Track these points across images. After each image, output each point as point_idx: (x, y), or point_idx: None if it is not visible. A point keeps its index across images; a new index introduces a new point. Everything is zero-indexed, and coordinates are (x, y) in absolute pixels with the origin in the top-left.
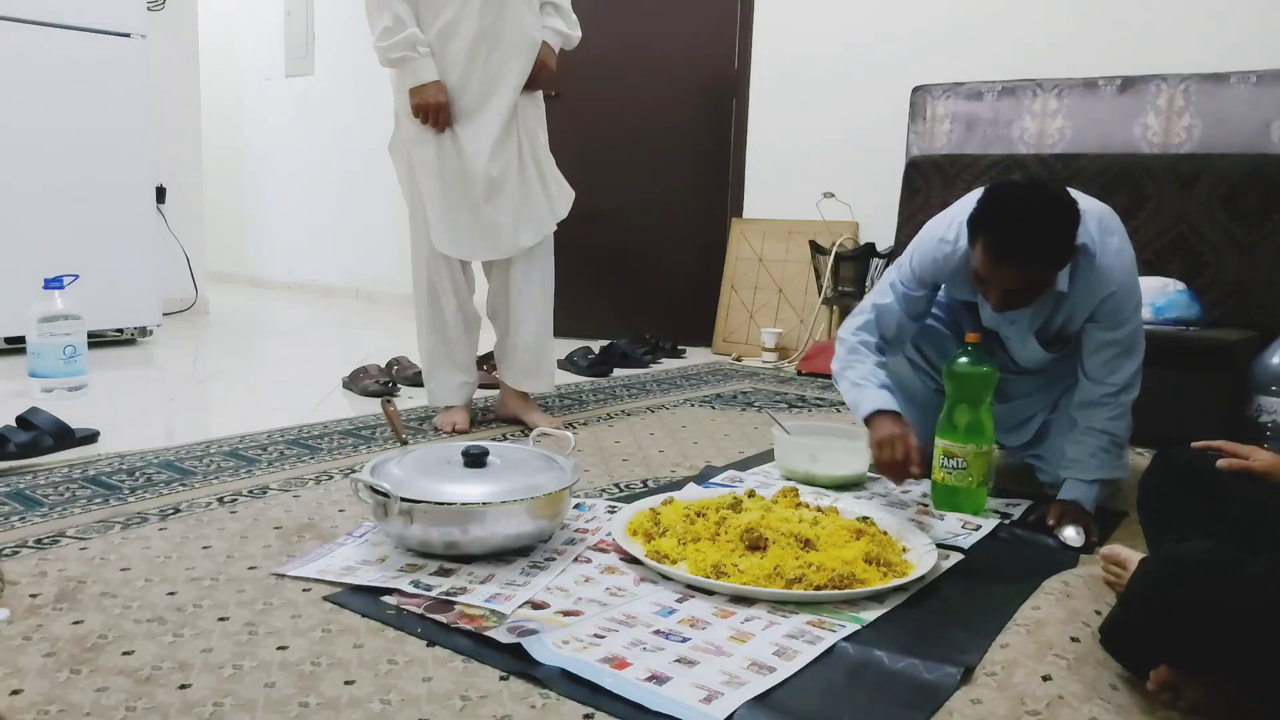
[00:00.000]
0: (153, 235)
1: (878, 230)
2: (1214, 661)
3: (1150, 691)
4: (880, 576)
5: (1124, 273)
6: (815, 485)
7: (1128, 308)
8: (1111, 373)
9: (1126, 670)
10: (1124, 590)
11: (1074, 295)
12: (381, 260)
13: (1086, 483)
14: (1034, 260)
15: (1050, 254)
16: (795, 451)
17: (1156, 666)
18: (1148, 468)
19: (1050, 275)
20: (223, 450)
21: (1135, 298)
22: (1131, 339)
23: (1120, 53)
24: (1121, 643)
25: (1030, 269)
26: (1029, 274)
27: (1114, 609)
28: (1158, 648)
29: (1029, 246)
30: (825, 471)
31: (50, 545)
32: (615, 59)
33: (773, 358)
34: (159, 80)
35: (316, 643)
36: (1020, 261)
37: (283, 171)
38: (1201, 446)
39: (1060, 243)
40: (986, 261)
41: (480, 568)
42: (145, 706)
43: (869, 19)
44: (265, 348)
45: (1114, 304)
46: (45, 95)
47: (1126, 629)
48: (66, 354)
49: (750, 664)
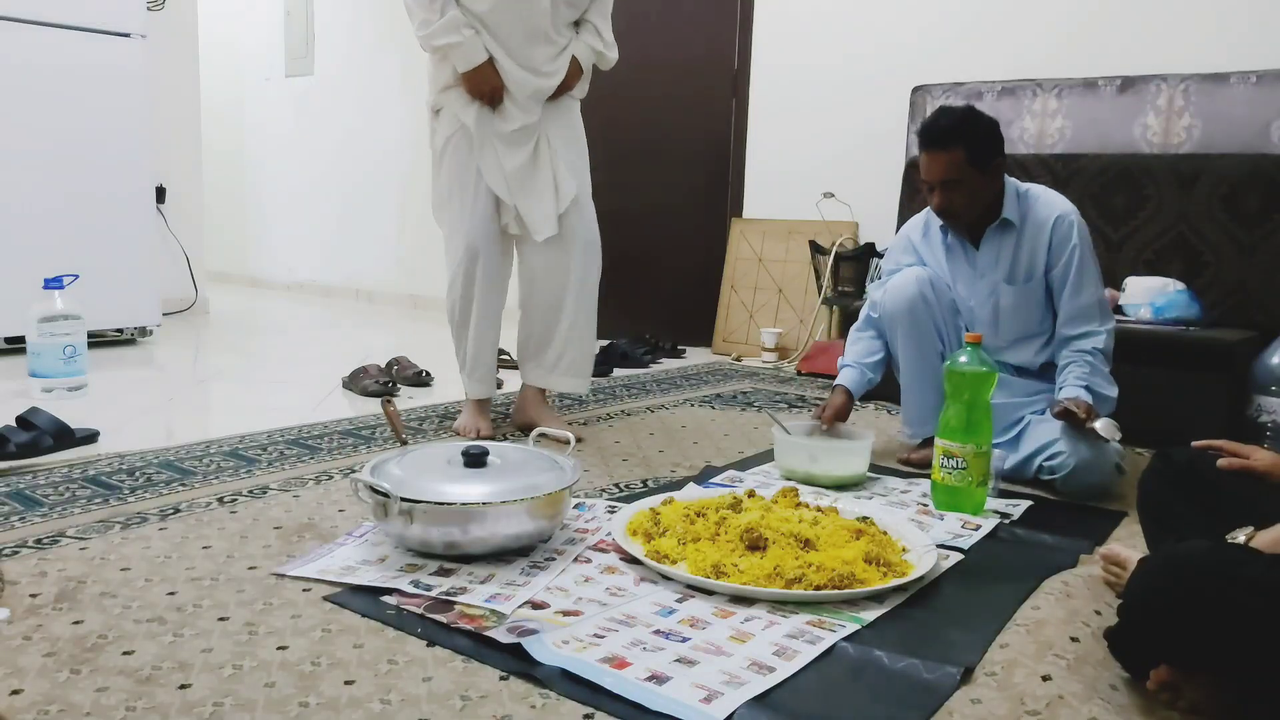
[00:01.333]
0: (153, 235)
1: (878, 230)
2: (1214, 661)
3: (1150, 691)
4: (880, 576)
5: (1067, 205)
6: (815, 485)
7: (1083, 244)
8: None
9: (1129, 673)
10: (1123, 590)
11: (1025, 227)
12: (381, 260)
13: (1082, 387)
14: (953, 141)
15: (966, 135)
16: (795, 451)
17: (1157, 666)
18: (1147, 467)
19: (975, 166)
20: (222, 450)
21: (1087, 239)
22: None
23: (1120, 53)
24: (1123, 644)
25: (952, 152)
26: (953, 158)
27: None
28: (1158, 647)
29: (947, 130)
30: (825, 471)
31: (50, 545)
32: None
33: (772, 358)
34: (159, 80)
35: (316, 643)
36: (941, 144)
37: (283, 172)
38: (1202, 446)
39: (975, 129)
40: (922, 159)
41: (480, 568)
42: (145, 706)
43: (869, 20)
44: (265, 348)
45: (1064, 230)
46: (45, 95)
47: (1127, 629)
48: (66, 354)
49: (750, 664)
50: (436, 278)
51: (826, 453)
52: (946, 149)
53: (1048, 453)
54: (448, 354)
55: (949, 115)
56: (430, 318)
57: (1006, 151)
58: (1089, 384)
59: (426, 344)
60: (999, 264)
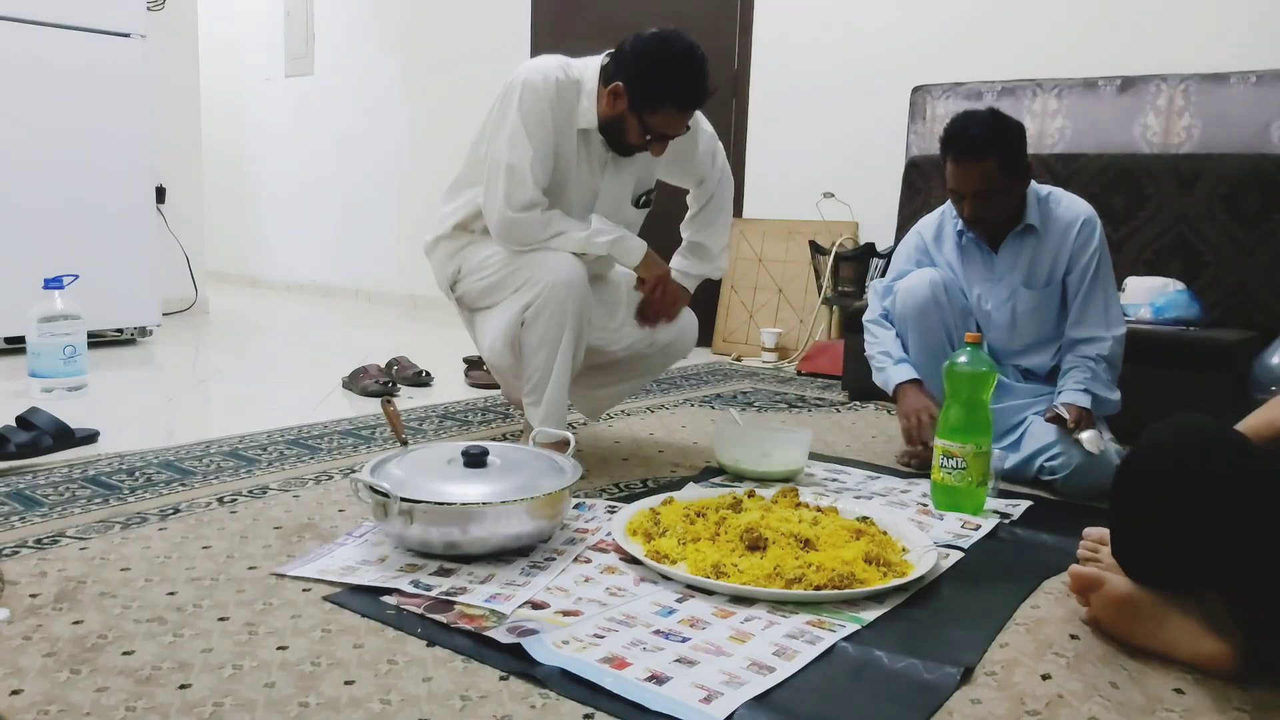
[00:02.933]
0: (153, 235)
1: (878, 230)
2: (1202, 550)
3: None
4: (880, 576)
5: (1089, 209)
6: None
7: (1103, 249)
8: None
9: (1129, 574)
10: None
11: (1047, 231)
12: (381, 260)
13: (1080, 391)
14: (987, 151)
15: (999, 146)
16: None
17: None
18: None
19: (1007, 176)
20: (222, 450)
21: (1105, 244)
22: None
23: (1120, 53)
24: (1120, 538)
25: (985, 162)
26: (985, 168)
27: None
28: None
29: (980, 140)
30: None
31: (50, 545)
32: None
33: (772, 358)
34: (159, 80)
35: (316, 643)
36: (974, 155)
37: (282, 172)
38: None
39: (1006, 138)
40: (951, 168)
41: (480, 568)
42: (145, 706)
43: (869, 20)
44: (265, 348)
45: (1087, 234)
46: (45, 95)
47: (1120, 535)
48: (66, 354)
49: (750, 664)
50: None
51: (777, 447)
52: (980, 159)
53: (1048, 453)
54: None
55: (979, 123)
56: (430, 318)
57: None
58: (1088, 388)
59: (426, 344)
60: (1018, 267)
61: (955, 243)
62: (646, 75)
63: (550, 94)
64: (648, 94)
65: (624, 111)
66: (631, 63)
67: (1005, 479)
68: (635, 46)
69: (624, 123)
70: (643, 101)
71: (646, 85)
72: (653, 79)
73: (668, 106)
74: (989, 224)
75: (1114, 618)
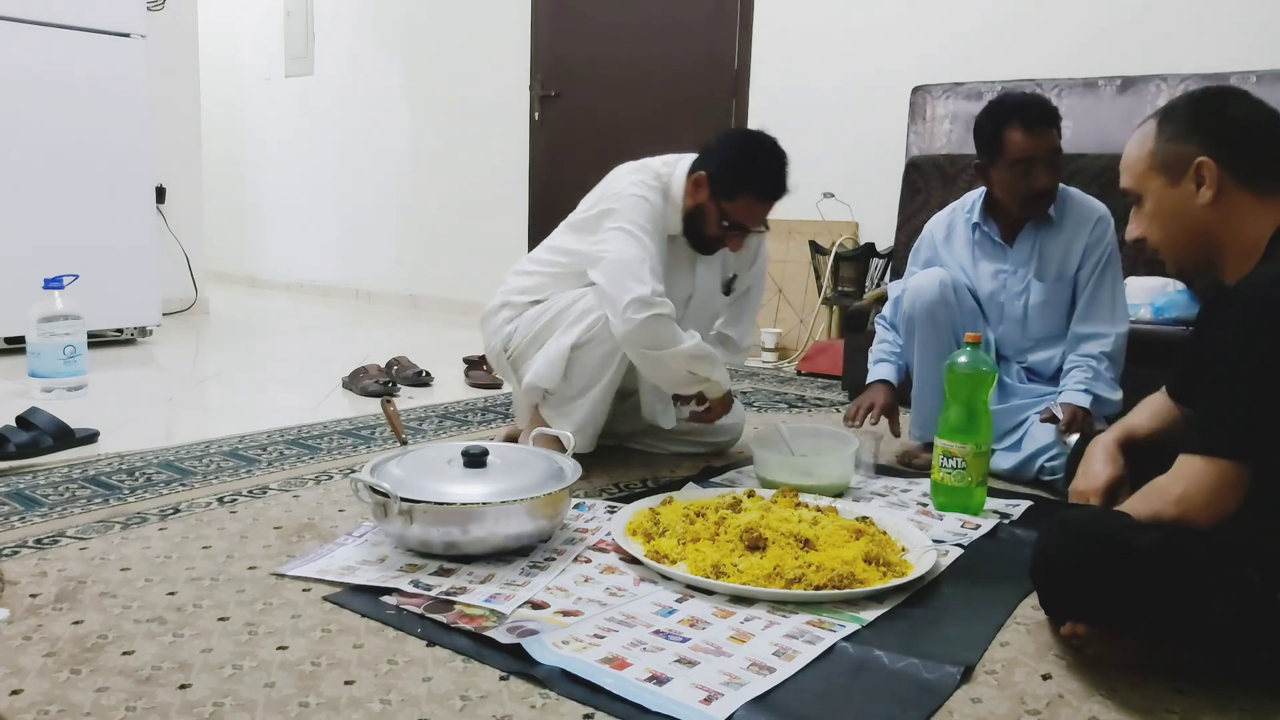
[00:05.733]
0: (153, 235)
1: (878, 230)
2: (1113, 619)
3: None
4: (880, 576)
5: (1104, 208)
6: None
7: (1114, 247)
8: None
9: (1050, 617)
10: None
11: (1063, 225)
12: (381, 260)
13: (1081, 391)
14: (1055, 120)
15: (1058, 117)
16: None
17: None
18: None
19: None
20: (222, 450)
21: (1116, 243)
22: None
23: (1120, 53)
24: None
25: (1056, 125)
26: (1056, 133)
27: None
28: (1064, 606)
29: (1048, 107)
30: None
31: (50, 545)
32: (615, 59)
33: (772, 358)
34: (159, 80)
35: (316, 643)
36: (1049, 121)
37: (282, 171)
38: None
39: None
40: (1022, 138)
41: (480, 568)
42: (145, 706)
43: (869, 19)
44: (265, 348)
45: (1101, 231)
46: (45, 95)
47: (1039, 590)
48: (66, 354)
49: (750, 664)
50: (437, 278)
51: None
52: (1052, 123)
53: (1048, 454)
54: (448, 354)
55: (1036, 97)
56: (430, 318)
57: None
58: (1089, 389)
59: (426, 344)
60: (1032, 260)
61: (969, 237)
62: (729, 163)
63: (659, 206)
64: (729, 181)
65: (705, 201)
66: (715, 152)
67: (1005, 479)
68: (721, 139)
69: (704, 213)
70: (724, 189)
71: (728, 173)
72: (735, 167)
73: (748, 194)
74: (1050, 197)
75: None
